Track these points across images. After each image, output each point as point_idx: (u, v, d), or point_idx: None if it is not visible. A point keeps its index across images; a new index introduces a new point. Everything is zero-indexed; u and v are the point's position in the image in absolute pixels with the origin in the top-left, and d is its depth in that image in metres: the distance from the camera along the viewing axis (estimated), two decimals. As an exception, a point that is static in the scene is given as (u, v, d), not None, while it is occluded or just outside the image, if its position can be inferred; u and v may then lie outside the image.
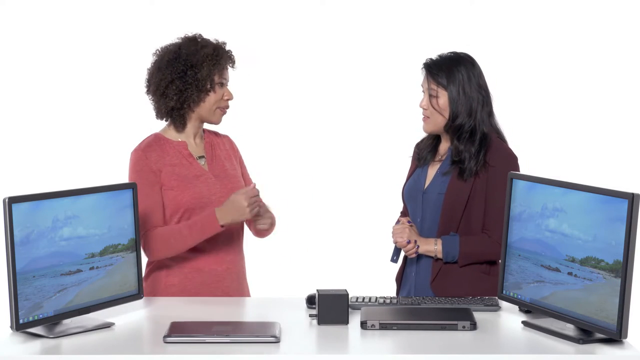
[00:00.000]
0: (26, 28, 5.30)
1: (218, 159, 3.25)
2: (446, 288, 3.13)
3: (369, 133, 5.42)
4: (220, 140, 3.32)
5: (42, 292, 2.61)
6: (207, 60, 3.13)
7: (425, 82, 3.18)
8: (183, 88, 3.13)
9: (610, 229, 2.51)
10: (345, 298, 2.77)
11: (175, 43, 3.19)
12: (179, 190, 3.13)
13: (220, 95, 3.17)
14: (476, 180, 3.13)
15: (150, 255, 3.13)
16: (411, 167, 3.35)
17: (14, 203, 2.54)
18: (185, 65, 3.12)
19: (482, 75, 3.19)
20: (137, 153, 3.15)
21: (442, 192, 3.16)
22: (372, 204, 5.24)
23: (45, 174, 5.23)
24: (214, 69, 3.14)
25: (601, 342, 2.56)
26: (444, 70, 3.14)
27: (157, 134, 3.22)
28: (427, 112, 3.18)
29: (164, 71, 3.14)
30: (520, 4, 5.33)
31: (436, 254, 3.14)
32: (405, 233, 3.14)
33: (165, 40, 3.22)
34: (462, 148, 3.14)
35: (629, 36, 5.29)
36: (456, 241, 3.12)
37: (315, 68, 5.41)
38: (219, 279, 3.18)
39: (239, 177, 3.27)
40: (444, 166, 3.20)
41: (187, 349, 2.53)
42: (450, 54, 3.19)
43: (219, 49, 3.17)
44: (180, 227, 3.09)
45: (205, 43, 3.17)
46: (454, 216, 3.14)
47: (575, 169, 5.05)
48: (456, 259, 3.13)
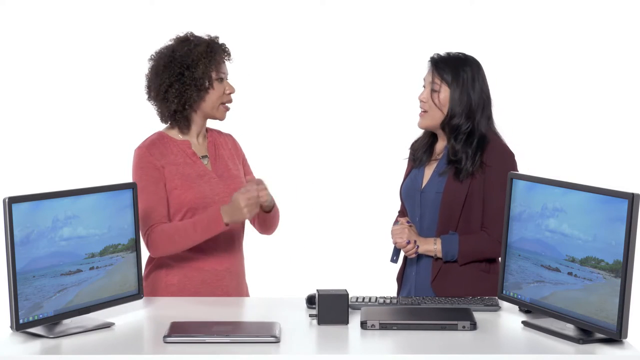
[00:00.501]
0: (26, 28, 5.30)
1: (221, 159, 3.25)
2: (447, 287, 3.13)
3: (369, 133, 5.42)
4: (223, 139, 3.31)
5: (42, 292, 2.61)
6: (202, 58, 3.12)
7: (430, 75, 3.18)
8: (182, 90, 3.12)
9: (610, 229, 2.51)
10: (345, 298, 2.77)
11: (169, 46, 3.18)
12: (182, 189, 3.13)
13: (221, 91, 3.17)
14: (473, 180, 3.13)
15: (154, 252, 3.12)
16: (407, 168, 3.35)
17: (14, 203, 2.54)
18: (181, 67, 3.12)
19: (486, 81, 3.19)
20: (141, 150, 3.15)
21: (440, 191, 3.16)
22: (372, 204, 5.24)
23: (45, 174, 5.23)
24: (210, 66, 3.13)
25: (601, 342, 2.56)
26: (450, 67, 3.15)
27: (160, 133, 3.22)
28: (425, 106, 3.18)
29: (161, 76, 3.13)
30: (520, 4, 5.33)
31: (436, 254, 3.14)
32: (405, 233, 3.14)
33: (165, 40, 3.21)
34: (459, 148, 3.14)
35: (629, 36, 5.29)
36: (455, 240, 3.12)
37: (315, 69, 5.41)
38: (219, 278, 3.18)
39: (242, 177, 3.27)
40: (441, 165, 3.20)
41: (187, 349, 2.53)
42: (459, 54, 3.20)
43: (212, 45, 3.16)
44: (185, 224, 3.08)
45: (198, 41, 3.16)
46: (453, 215, 3.15)
47: (575, 169, 5.05)
48: (455, 257, 3.13)
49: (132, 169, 3.16)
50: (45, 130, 5.35)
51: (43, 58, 5.32)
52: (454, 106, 3.14)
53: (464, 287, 3.12)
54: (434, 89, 3.16)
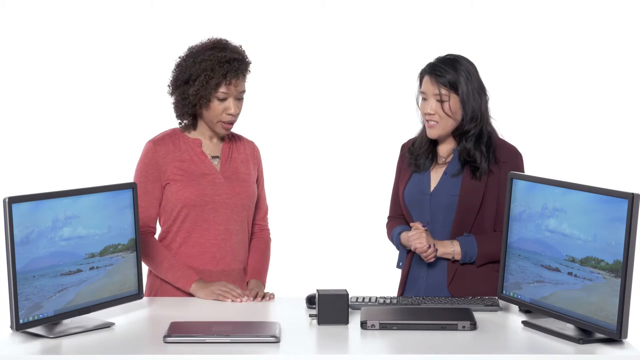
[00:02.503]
0: (26, 28, 5.30)
1: (233, 161, 3.24)
2: (463, 289, 3.11)
3: (368, 134, 5.41)
4: (242, 144, 3.29)
5: (42, 292, 2.61)
6: (201, 75, 3.07)
7: (432, 87, 3.10)
8: (180, 99, 3.14)
9: (610, 229, 2.51)
10: (345, 298, 2.77)
11: (195, 49, 3.14)
12: (182, 184, 3.14)
13: (220, 110, 3.11)
14: (489, 178, 3.11)
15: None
16: (404, 172, 3.28)
17: (14, 203, 2.54)
18: (182, 79, 3.12)
19: (479, 75, 3.17)
20: (149, 145, 3.17)
21: (455, 193, 3.12)
22: (372, 204, 5.24)
23: (45, 174, 5.23)
24: (207, 85, 3.07)
25: (601, 342, 2.56)
26: (450, 73, 3.08)
27: (175, 129, 3.23)
28: (436, 117, 3.11)
29: (174, 79, 3.15)
30: (520, 6, 5.33)
31: (454, 256, 3.11)
32: (424, 237, 3.08)
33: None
34: (471, 147, 3.12)
35: (629, 36, 5.29)
36: (473, 241, 3.10)
37: (315, 69, 5.41)
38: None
39: (252, 182, 3.25)
40: (452, 167, 3.16)
41: (187, 349, 2.53)
42: (449, 56, 3.15)
43: (221, 64, 3.08)
44: (165, 257, 3.12)
45: (208, 56, 3.08)
46: (469, 217, 3.11)
47: (575, 169, 5.05)
48: (474, 259, 3.11)
49: (138, 160, 3.18)
50: (46, 130, 5.35)
51: (43, 58, 5.32)
52: (467, 110, 3.09)
53: (481, 287, 3.09)
54: (439, 100, 3.10)
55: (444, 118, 3.11)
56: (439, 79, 3.09)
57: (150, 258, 3.14)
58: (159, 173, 3.14)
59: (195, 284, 3.08)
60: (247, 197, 3.21)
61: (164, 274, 3.13)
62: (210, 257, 3.18)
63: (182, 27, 5.15)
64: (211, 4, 5.32)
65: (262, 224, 3.34)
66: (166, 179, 3.14)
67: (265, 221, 3.36)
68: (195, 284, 3.08)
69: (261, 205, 3.33)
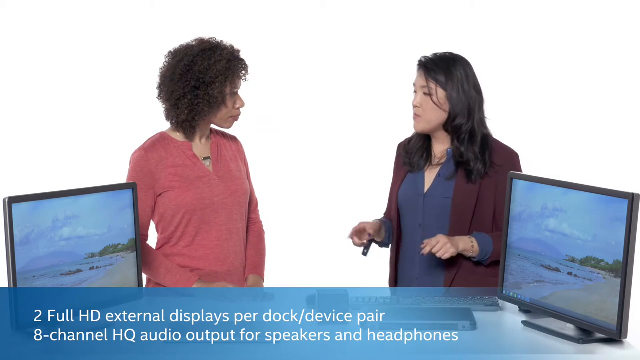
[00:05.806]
0: (26, 28, 5.30)
1: (224, 160, 3.24)
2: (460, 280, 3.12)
3: (368, 133, 5.41)
4: (227, 141, 3.30)
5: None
6: (219, 75, 3.08)
7: (420, 79, 3.12)
8: (195, 103, 3.09)
9: (610, 229, 2.51)
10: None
11: (190, 51, 3.11)
12: (180, 190, 3.13)
13: (232, 105, 3.14)
14: (483, 182, 3.11)
15: None
16: (399, 171, 3.28)
17: (14, 203, 2.54)
18: (197, 82, 3.07)
19: (477, 79, 3.16)
20: (140, 153, 3.14)
21: (449, 196, 3.12)
22: (372, 204, 5.23)
23: (45, 174, 5.23)
24: (225, 83, 3.10)
25: (601, 342, 2.56)
26: (442, 69, 3.09)
27: (162, 133, 3.20)
28: (419, 111, 3.12)
29: (176, 83, 3.09)
30: (520, 6, 5.33)
31: (472, 253, 3.09)
32: (448, 244, 3.00)
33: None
34: (464, 149, 3.11)
35: (628, 36, 5.29)
36: (488, 239, 3.07)
37: (315, 69, 5.41)
38: (224, 279, 3.17)
39: (244, 179, 3.26)
40: (446, 169, 3.16)
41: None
42: (447, 53, 3.15)
43: (232, 61, 3.10)
44: (162, 262, 3.12)
45: (220, 56, 3.09)
46: (464, 219, 3.10)
47: (575, 169, 5.05)
48: (488, 256, 3.10)
49: (128, 169, 3.15)
50: (45, 130, 5.35)
51: (43, 58, 5.32)
52: (454, 106, 3.10)
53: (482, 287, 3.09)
54: (426, 93, 3.10)
55: (427, 111, 3.11)
56: (428, 72, 3.10)
57: (147, 265, 3.12)
58: (152, 181, 3.12)
59: (196, 284, 3.09)
60: (242, 194, 3.21)
61: (162, 279, 3.12)
62: (214, 258, 3.17)
63: (182, 27, 5.15)
64: (211, 4, 5.32)
65: (253, 217, 3.34)
66: (161, 187, 3.12)
67: (256, 214, 3.36)
68: (196, 284, 3.09)
69: (252, 199, 3.33)
